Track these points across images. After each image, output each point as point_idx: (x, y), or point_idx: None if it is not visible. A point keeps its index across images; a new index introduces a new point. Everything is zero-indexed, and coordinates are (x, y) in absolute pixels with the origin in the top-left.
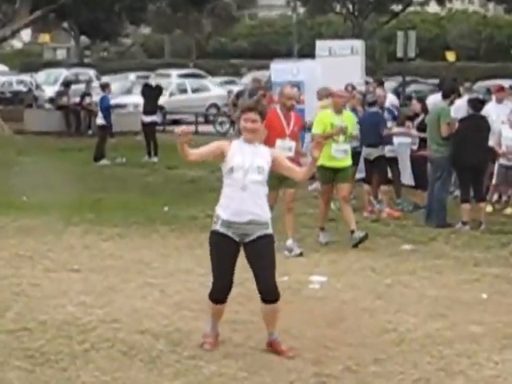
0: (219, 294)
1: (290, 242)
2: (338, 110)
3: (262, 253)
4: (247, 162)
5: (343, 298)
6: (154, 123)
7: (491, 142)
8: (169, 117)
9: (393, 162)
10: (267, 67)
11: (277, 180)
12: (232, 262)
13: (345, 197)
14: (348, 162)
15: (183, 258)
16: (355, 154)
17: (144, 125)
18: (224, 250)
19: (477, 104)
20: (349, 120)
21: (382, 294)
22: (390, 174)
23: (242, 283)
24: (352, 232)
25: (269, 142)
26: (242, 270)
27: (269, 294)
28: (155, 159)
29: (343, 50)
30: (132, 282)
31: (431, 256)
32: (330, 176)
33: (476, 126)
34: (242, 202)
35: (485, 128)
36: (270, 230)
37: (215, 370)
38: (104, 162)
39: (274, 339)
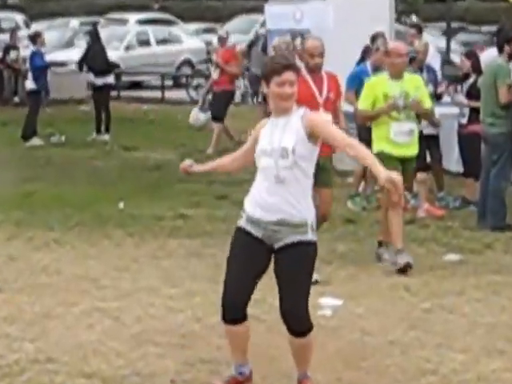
0: (230, 308)
1: None
2: (397, 74)
3: (290, 266)
4: (275, 142)
5: (365, 327)
6: (108, 87)
7: None
8: (125, 78)
9: (433, 140)
10: (259, 10)
11: None
12: (254, 270)
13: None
14: (415, 148)
15: (145, 272)
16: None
17: (94, 89)
18: (247, 251)
19: None
20: (413, 85)
21: (418, 322)
22: (428, 158)
23: None
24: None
25: None
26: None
27: (294, 323)
28: (107, 137)
29: None
30: (74, 307)
31: (486, 270)
32: (398, 164)
33: None
34: (271, 194)
35: None
36: (308, 236)
37: None
38: (36, 140)
39: (304, 381)
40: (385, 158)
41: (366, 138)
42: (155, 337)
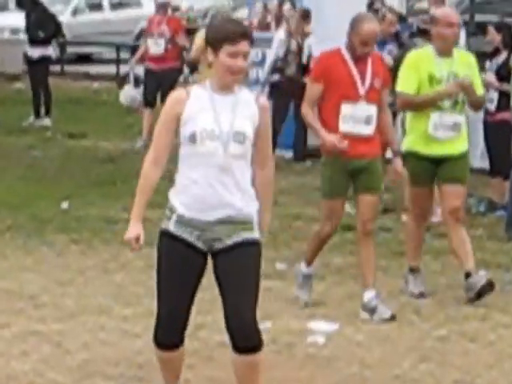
0: (167, 331)
1: (370, 295)
2: (446, 50)
3: (237, 269)
4: (224, 123)
5: (366, 359)
6: (47, 60)
7: None
8: (71, 49)
9: None
10: None
11: (345, 176)
12: (191, 283)
13: (457, 211)
14: (462, 145)
15: (93, 288)
16: None
17: (30, 63)
18: (180, 264)
19: None
20: (462, 64)
21: (431, 352)
22: None
23: (193, 333)
24: (467, 275)
25: (327, 109)
26: (194, 312)
27: (241, 336)
28: (47, 122)
29: None
30: (6, 329)
31: None
32: (430, 171)
33: None
34: (212, 187)
35: None
36: (254, 233)
37: None
38: None
39: None
40: (416, 160)
41: None
42: (106, 367)
